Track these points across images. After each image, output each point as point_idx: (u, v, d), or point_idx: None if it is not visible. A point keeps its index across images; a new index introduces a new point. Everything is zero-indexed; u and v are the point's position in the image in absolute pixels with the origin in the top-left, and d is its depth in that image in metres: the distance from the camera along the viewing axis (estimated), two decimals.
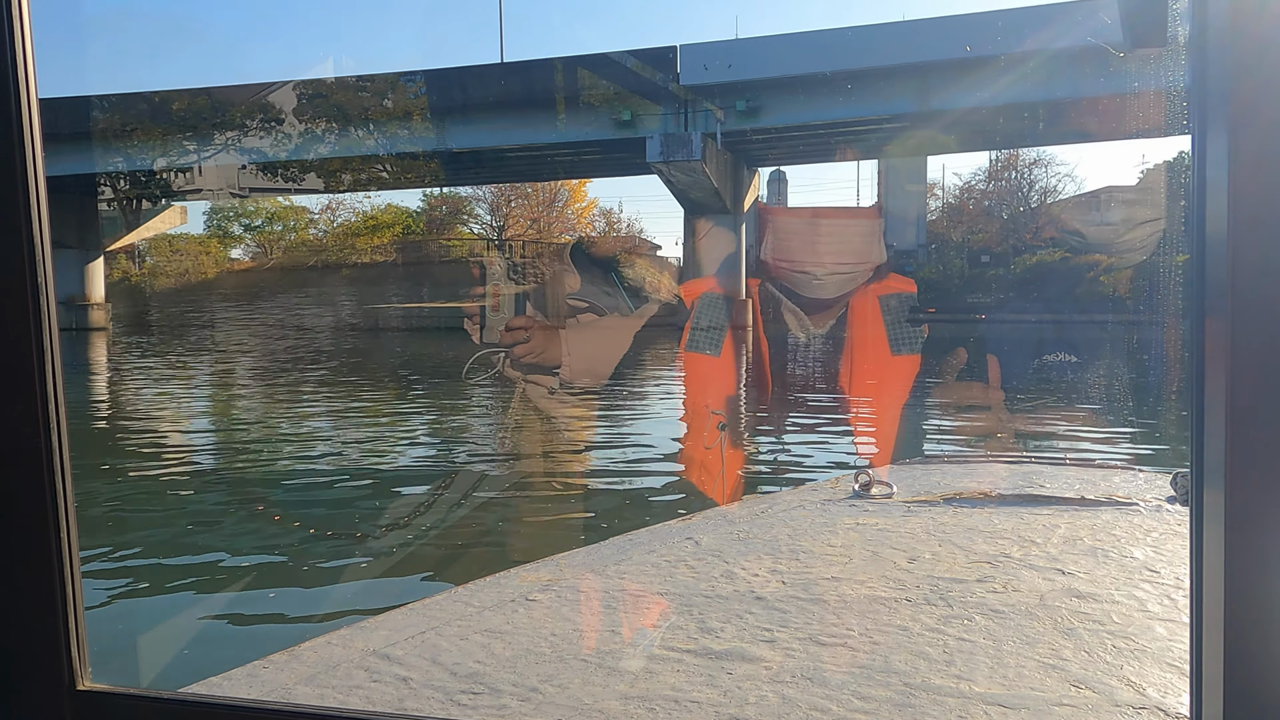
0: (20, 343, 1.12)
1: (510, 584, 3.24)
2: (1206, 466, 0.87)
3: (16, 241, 1.11)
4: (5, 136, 1.10)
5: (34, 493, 1.14)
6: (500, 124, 27.24)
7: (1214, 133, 0.83)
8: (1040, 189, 33.23)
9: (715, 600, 2.91)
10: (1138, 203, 27.02)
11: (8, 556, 1.15)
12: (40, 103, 1.14)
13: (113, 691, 1.17)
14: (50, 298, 1.14)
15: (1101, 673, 2.29)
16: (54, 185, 1.40)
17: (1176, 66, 1.33)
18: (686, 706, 2.16)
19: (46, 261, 1.13)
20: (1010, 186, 33.46)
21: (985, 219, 33.55)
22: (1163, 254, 19.50)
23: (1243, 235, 0.81)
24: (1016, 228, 31.96)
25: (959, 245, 32.54)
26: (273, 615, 4.95)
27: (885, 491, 4.36)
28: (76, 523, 1.18)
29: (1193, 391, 0.89)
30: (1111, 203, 29.51)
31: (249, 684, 2.40)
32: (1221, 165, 0.81)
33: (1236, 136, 0.80)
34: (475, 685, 2.30)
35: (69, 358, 20.86)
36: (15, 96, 1.10)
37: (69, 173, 28.80)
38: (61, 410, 1.15)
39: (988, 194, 34.41)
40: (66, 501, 1.16)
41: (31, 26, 1.13)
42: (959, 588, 2.95)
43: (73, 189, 30.96)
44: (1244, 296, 0.81)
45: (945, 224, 34.18)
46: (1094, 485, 4.48)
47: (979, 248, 32.16)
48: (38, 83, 1.13)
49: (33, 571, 1.15)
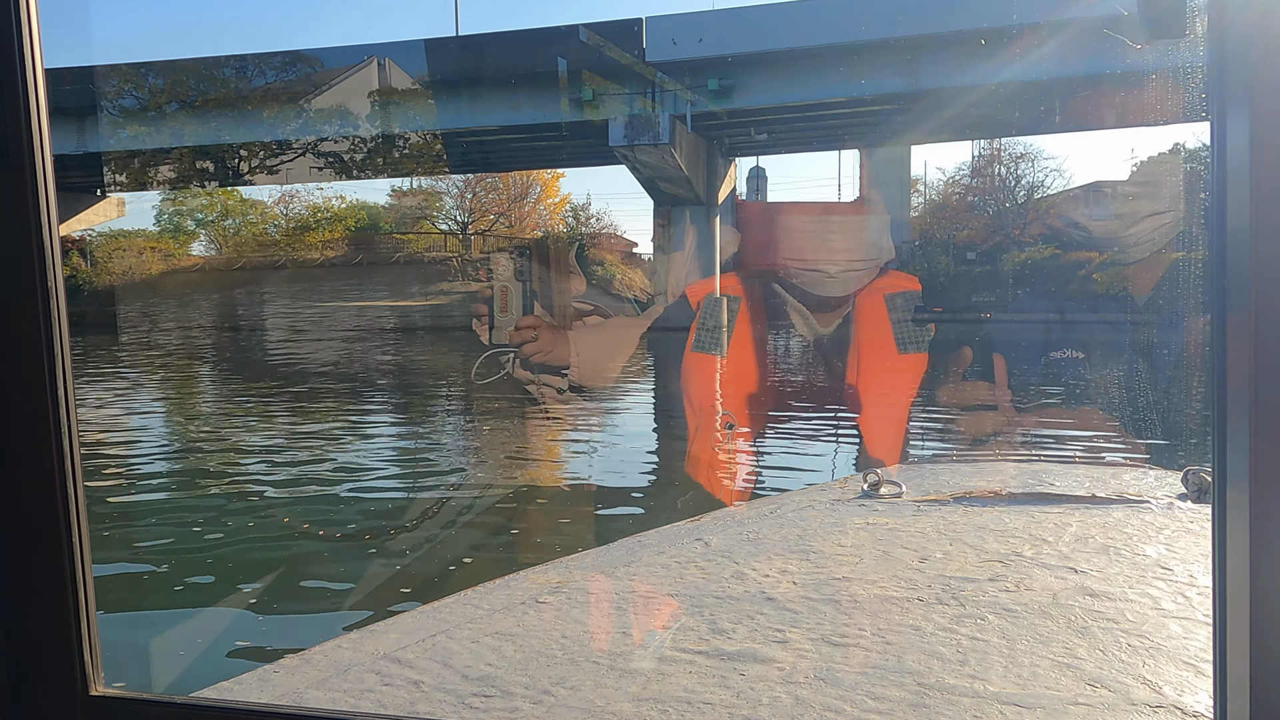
0: (30, 347, 1.12)
1: (520, 586, 3.23)
2: (1230, 464, 0.86)
3: (26, 247, 1.11)
4: (15, 148, 1.10)
5: (45, 497, 1.14)
6: (449, 105, 24.57)
7: (1235, 119, 0.82)
8: (1028, 184, 32.32)
9: (726, 601, 2.90)
10: (1138, 196, 26.33)
11: (19, 561, 1.15)
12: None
13: (125, 697, 1.17)
14: (60, 302, 1.14)
15: (1117, 671, 2.28)
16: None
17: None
18: (699, 708, 2.15)
19: (56, 265, 1.13)
20: (998, 182, 32.52)
21: (971, 215, 32.47)
22: (1171, 248, 19.07)
23: (1265, 228, 0.79)
24: (1003, 224, 31.02)
25: (944, 242, 31.54)
26: (283, 619, 4.96)
27: (894, 491, 4.34)
28: (88, 527, 1.18)
29: (1214, 389, 0.88)
30: (1107, 196, 28.72)
31: (260, 688, 2.39)
32: (1243, 155, 0.80)
33: (1259, 122, 0.79)
34: (487, 688, 2.30)
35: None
36: (26, 111, 1.10)
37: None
38: (73, 414, 1.15)
39: (973, 189, 33.43)
40: (78, 506, 1.16)
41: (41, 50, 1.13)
42: (971, 587, 2.94)
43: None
44: (1267, 291, 0.80)
45: (929, 220, 33.08)
46: (1104, 483, 4.46)
47: (964, 244, 31.00)
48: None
49: (44, 576, 1.15)
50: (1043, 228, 29.44)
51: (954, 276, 28.77)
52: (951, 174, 42.65)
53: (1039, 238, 29.08)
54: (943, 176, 36.36)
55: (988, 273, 28.67)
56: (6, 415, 1.13)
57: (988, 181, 32.82)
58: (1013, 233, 30.05)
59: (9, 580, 1.15)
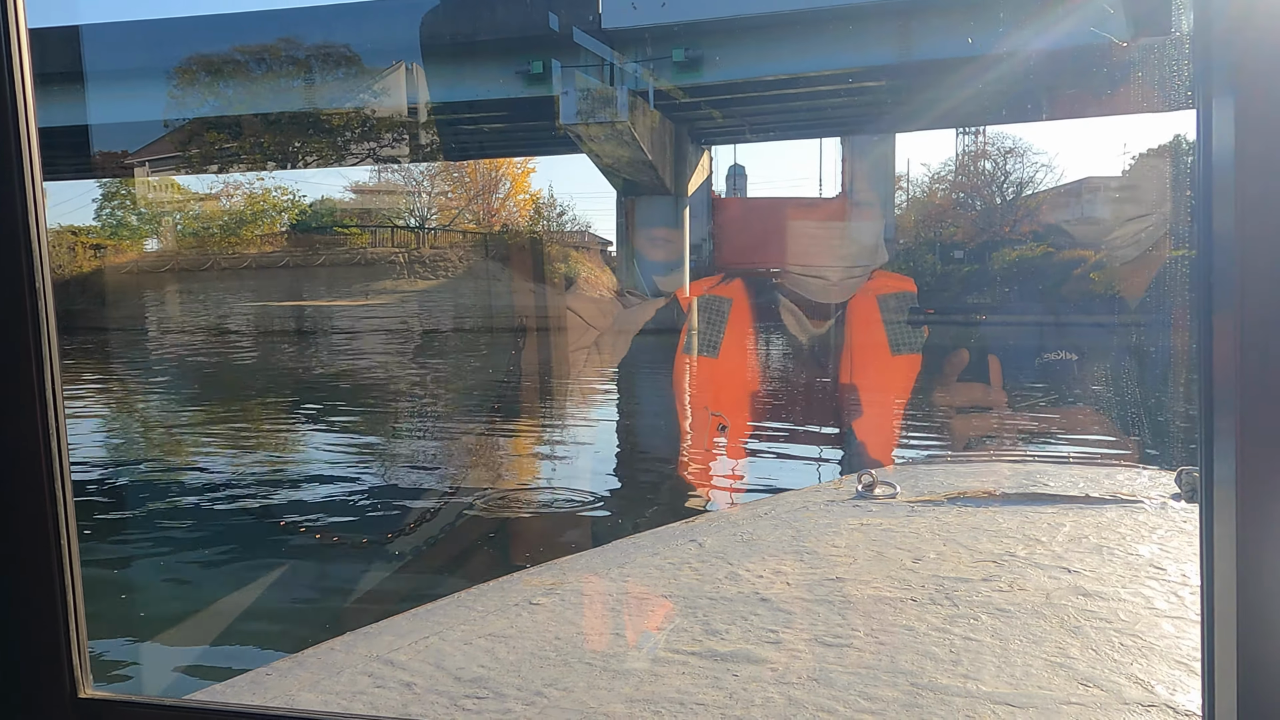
0: (21, 356, 1.12)
1: (514, 588, 3.23)
2: (1216, 462, 0.86)
3: (16, 257, 1.11)
4: (4, 160, 1.10)
5: (34, 502, 1.13)
6: (376, 77, 21.20)
7: (1220, 107, 0.82)
8: (1017, 179, 31.20)
9: (720, 602, 2.90)
10: (1126, 190, 25.14)
11: (9, 565, 1.14)
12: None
13: (114, 699, 1.16)
14: (50, 311, 1.14)
15: (1109, 670, 2.28)
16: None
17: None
18: (693, 709, 2.15)
19: (46, 275, 1.13)
20: (985, 178, 31.47)
21: (957, 212, 31.37)
22: (1164, 246, 18.43)
23: (1250, 232, 0.80)
24: (992, 221, 29.85)
25: (930, 241, 30.29)
26: (275, 621, 4.94)
27: (889, 492, 4.34)
28: (77, 532, 1.17)
29: (1201, 389, 0.88)
30: (1096, 193, 27.64)
31: (253, 690, 2.39)
32: (1228, 143, 0.80)
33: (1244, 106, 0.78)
34: (480, 690, 2.29)
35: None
36: (15, 126, 1.10)
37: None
38: (61, 421, 1.15)
39: (958, 185, 32.18)
40: (67, 511, 1.16)
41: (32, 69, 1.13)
42: (964, 587, 2.94)
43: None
44: (1252, 292, 0.80)
45: (914, 218, 31.84)
46: (1098, 483, 4.47)
47: (951, 242, 29.77)
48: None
49: (34, 580, 1.14)
50: (1034, 224, 28.76)
51: (941, 276, 27.69)
52: (937, 170, 41.54)
53: (1030, 235, 28.23)
54: (928, 172, 35.28)
55: (976, 272, 27.68)
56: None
57: (974, 178, 31.98)
58: (1002, 230, 29.19)
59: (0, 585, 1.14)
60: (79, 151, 23.48)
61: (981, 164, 31.77)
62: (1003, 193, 31.07)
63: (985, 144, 31.83)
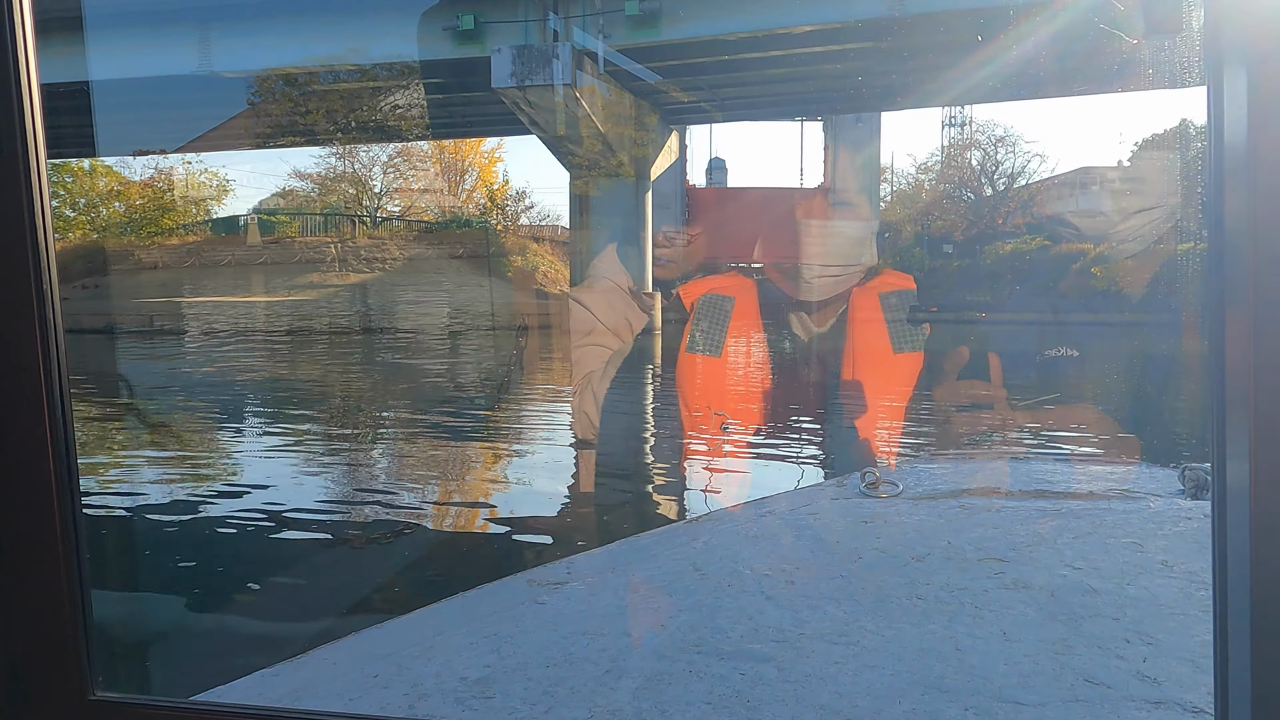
0: (26, 350, 1.11)
1: (518, 587, 3.23)
2: (1230, 460, 0.86)
3: (21, 248, 1.10)
4: (9, 143, 1.09)
5: (43, 503, 1.13)
6: (282, 35, 17.18)
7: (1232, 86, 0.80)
8: (1008, 169, 29.24)
9: (724, 600, 2.90)
10: (1130, 182, 23.94)
11: (17, 566, 1.14)
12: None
13: (124, 701, 1.16)
14: (56, 304, 1.14)
15: (1116, 668, 2.28)
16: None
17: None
18: (699, 707, 2.15)
19: (51, 267, 1.12)
20: (974, 170, 30.16)
21: (946, 203, 29.65)
22: (1168, 240, 17.89)
23: (1266, 217, 0.79)
24: (983, 213, 28.14)
25: (917, 234, 28.66)
26: (280, 622, 4.94)
27: (892, 490, 4.34)
28: (85, 531, 1.17)
29: (1214, 385, 0.87)
30: (1095, 184, 26.26)
31: (259, 691, 2.39)
32: (1240, 142, 0.80)
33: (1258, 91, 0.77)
34: (486, 689, 2.29)
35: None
36: (20, 116, 1.10)
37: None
38: (69, 417, 1.14)
39: (945, 175, 30.47)
40: (75, 512, 1.15)
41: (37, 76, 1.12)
42: (970, 585, 2.94)
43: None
44: (1268, 283, 0.80)
45: (899, 210, 30.17)
46: (1102, 480, 4.47)
47: (940, 236, 28.02)
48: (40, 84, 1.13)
49: (42, 581, 1.14)
50: (1028, 216, 27.43)
51: (930, 271, 26.02)
52: (923, 160, 39.99)
53: (1025, 227, 26.89)
54: (914, 162, 33.48)
55: (967, 266, 26.19)
56: (3, 423, 1.12)
57: (962, 170, 30.21)
58: (995, 221, 27.68)
59: (8, 586, 1.14)
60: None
61: (969, 154, 30.17)
62: (994, 183, 29.57)
63: (975, 133, 30.44)
